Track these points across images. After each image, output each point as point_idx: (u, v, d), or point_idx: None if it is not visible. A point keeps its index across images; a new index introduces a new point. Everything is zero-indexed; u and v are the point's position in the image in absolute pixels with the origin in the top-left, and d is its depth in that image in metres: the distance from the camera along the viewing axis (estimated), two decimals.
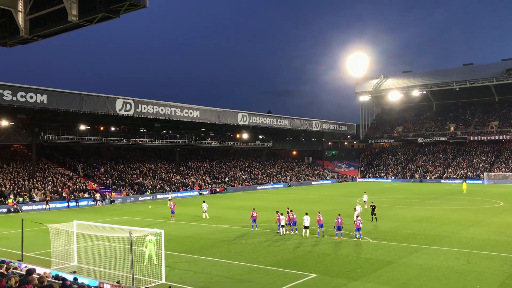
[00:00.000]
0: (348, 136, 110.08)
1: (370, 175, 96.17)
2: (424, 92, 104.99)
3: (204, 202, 38.92)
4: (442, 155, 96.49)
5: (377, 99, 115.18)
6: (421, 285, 17.52)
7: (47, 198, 49.34)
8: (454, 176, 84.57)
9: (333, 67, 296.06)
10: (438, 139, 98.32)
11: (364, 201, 43.83)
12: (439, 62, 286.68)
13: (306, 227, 28.06)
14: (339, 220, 27.48)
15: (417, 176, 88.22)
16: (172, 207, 38.60)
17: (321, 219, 28.23)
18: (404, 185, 78.69)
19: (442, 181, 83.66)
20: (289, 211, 30.12)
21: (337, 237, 27.31)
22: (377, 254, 23.03)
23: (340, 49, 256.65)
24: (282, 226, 29.11)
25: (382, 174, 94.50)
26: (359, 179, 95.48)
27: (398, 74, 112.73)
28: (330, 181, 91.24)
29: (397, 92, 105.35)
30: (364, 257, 22.33)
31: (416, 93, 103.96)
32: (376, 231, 29.96)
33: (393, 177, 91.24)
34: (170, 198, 50.02)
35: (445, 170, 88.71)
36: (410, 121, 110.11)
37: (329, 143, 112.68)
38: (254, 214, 31.42)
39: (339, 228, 27.40)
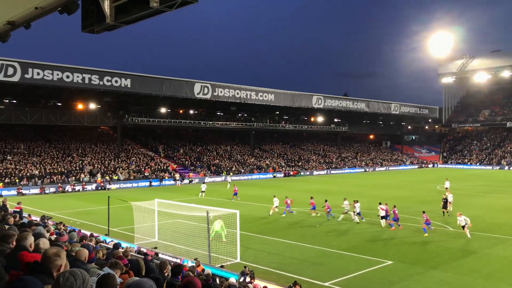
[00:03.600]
0: (430, 120, 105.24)
1: (453, 161, 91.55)
2: None
3: (204, 183, 46.17)
4: None
5: (462, 81, 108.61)
6: (508, 278, 16.54)
7: (131, 176, 52.28)
8: None
9: (413, 48, 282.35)
10: None
11: (446, 188, 41.69)
12: None
13: (383, 217, 26.38)
14: (396, 212, 26.01)
15: (505, 163, 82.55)
16: (235, 189, 40.16)
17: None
18: (489, 172, 74.07)
19: None
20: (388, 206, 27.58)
21: (393, 227, 25.51)
22: (457, 244, 22.00)
23: (422, 28, 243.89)
24: (383, 218, 26.72)
25: (466, 160, 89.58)
26: (440, 165, 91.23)
27: (486, 53, 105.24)
28: (409, 167, 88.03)
29: (484, 73, 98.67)
30: (444, 246, 21.42)
31: (506, 74, 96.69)
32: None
33: (477, 164, 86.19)
34: (229, 180, 51.45)
35: None
36: (498, 104, 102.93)
37: (409, 127, 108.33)
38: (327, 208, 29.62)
39: (395, 219, 25.80)
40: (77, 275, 3.12)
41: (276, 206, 31.38)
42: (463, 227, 23.16)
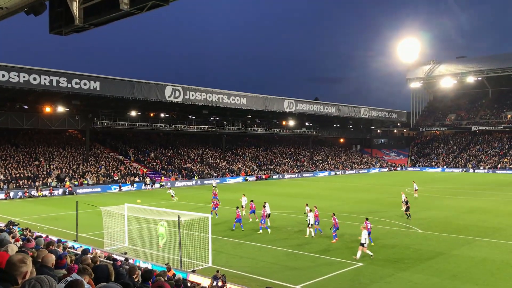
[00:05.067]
0: (398, 124, 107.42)
1: (421, 164, 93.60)
2: (480, 78, 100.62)
3: (170, 188, 46.22)
4: (497, 144, 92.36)
5: (429, 86, 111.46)
6: (473, 278, 16.96)
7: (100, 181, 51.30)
8: (511, 166, 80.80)
9: (382, 53, 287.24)
10: (493, 127, 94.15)
11: (415, 190, 42.74)
12: (497, 47, 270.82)
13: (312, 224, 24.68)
14: (336, 220, 23.82)
15: (470, 166, 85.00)
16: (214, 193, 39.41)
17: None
18: (456, 175, 76.09)
19: (497, 171, 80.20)
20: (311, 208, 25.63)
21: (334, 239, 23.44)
22: (426, 245, 22.45)
23: (391, 34, 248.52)
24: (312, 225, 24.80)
25: (433, 163, 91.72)
26: (408, 168, 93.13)
27: (452, 59, 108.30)
28: (378, 170, 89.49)
29: (450, 78, 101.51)
30: (413, 248, 21.82)
31: (470, 79, 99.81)
32: (426, 222, 29.14)
33: (444, 167, 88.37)
34: (214, 184, 50.72)
35: (501, 160, 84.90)
36: (463, 109, 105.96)
37: (378, 131, 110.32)
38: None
39: (336, 229, 23.73)
40: (44, 282, 3.02)
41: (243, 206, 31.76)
42: (362, 244, 19.88)
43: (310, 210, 25.11)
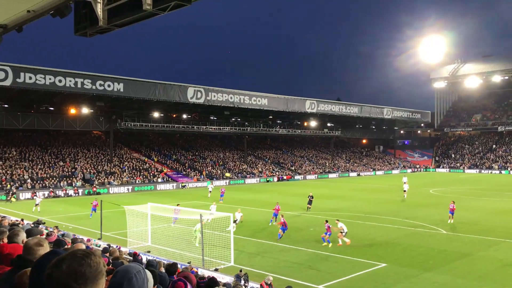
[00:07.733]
0: (422, 125, 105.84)
1: (445, 165, 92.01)
2: (506, 77, 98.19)
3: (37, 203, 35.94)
4: None
5: (454, 86, 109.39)
6: (500, 280, 16.58)
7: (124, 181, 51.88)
8: None
9: (405, 53, 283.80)
10: None
11: (405, 183, 44.16)
12: None
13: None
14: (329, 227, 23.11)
15: (497, 167, 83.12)
16: (222, 190, 41.71)
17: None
18: (481, 176, 74.52)
19: None
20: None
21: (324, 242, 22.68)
22: (451, 246, 22.06)
23: (414, 33, 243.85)
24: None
25: (458, 164, 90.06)
26: (432, 169, 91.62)
27: (478, 58, 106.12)
28: (398, 171, 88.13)
29: (476, 77, 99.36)
30: (438, 249, 21.46)
31: (497, 78, 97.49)
32: (450, 223, 28.61)
33: (469, 168, 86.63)
34: (210, 189, 46.15)
35: None
36: (490, 109, 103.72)
37: (401, 132, 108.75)
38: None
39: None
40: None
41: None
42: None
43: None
